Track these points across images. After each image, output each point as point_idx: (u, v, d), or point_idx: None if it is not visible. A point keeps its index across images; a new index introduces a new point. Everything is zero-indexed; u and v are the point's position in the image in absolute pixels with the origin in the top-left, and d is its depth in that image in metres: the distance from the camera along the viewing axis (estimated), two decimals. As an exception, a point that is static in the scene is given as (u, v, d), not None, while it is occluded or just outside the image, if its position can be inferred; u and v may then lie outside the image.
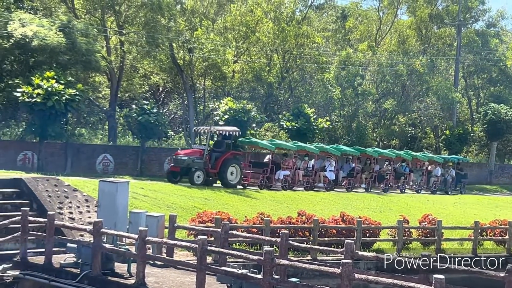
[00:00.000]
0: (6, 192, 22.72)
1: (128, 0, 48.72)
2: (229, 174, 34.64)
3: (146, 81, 58.51)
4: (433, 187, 46.84)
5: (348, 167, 42.46)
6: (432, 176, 47.42)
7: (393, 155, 45.18)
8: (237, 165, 35.18)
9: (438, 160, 48.55)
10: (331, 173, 40.48)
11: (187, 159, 33.80)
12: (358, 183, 42.53)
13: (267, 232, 22.70)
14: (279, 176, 38.01)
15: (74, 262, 18.06)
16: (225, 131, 35.65)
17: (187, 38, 51.76)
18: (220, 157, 34.65)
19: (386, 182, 43.54)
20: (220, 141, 36.02)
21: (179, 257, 20.06)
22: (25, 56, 42.27)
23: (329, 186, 40.00)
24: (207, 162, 34.25)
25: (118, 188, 19.35)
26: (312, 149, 40.21)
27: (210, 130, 35.58)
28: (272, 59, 59.11)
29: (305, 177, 39.23)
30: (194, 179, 33.27)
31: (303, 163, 39.75)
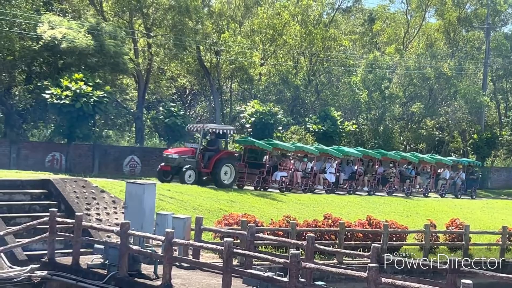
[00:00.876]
0: (34, 193, 22.92)
1: (156, 3, 48.95)
2: (222, 173, 33.23)
3: (173, 83, 58.77)
4: (441, 190, 45.08)
5: (349, 169, 41.10)
6: (441, 179, 45.70)
7: (398, 157, 43.46)
8: (232, 165, 33.71)
9: (446, 162, 46.77)
10: (331, 175, 39.00)
11: (178, 158, 32.49)
12: (361, 185, 40.74)
13: (293, 235, 22.67)
14: (276, 177, 36.44)
15: (101, 263, 18.18)
16: (219, 129, 34.50)
17: (214, 40, 51.91)
18: (213, 156, 33.23)
19: (390, 185, 41.79)
20: (214, 139, 34.34)
21: (205, 259, 20.10)
22: (54, 58, 42.66)
23: (329, 188, 38.37)
24: (199, 161, 32.83)
25: (145, 189, 19.44)
26: (311, 150, 38.88)
27: (203, 128, 33.97)
28: (299, 62, 59.07)
29: (304, 179, 37.70)
30: (185, 179, 31.71)
31: (302, 164, 38.42)
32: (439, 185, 45.17)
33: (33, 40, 41.58)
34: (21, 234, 19.89)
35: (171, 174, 32.68)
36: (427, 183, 44.18)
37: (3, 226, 19.76)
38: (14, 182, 23.19)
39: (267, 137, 42.19)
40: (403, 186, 42.46)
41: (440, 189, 44.98)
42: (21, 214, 21.50)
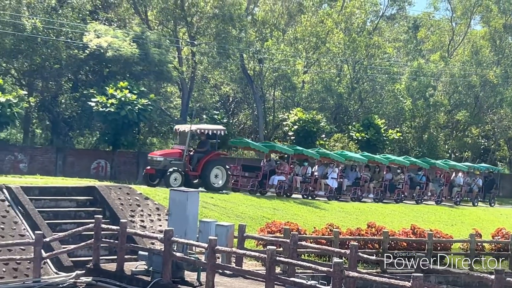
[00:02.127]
0: (80, 200, 23.22)
1: (200, 12, 49.32)
2: (212, 176, 31.35)
3: (216, 91, 59.03)
4: (456, 197, 42.10)
5: (354, 175, 38.76)
6: (455, 185, 42.71)
7: (407, 163, 40.48)
8: (222, 167, 31.86)
9: (461, 168, 43.65)
10: (333, 181, 36.57)
11: (163, 160, 30.68)
12: (366, 192, 38.33)
13: (336, 243, 22.58)
14: (273, 181, 34.47)
15: (145, 270, 18.32)
16: (208, 130, 32.33)
17: (258, 48, 52.08)
18: (202, 158, 31.44)
19: (399, 192, 39.19)
20: (204, 141, 32.50)
21: (248, 267, 20.13)
22: (100, 67, 43.24)
23: (331, 194, 36.13)
24: (186, 164, 31.01)
25: (189, 197, 19.56)
26: (311, 154, 36.93)
27: (190, 128, 31.71)
28: (342, 70, 58.87)
29: (303, 184, 35.76)
30: (170, 182, 29.53)
31: (302, 169, 36.42)
32: (454, 192, 42.32)
33: (80, 48, 42.21)
34: (67, 240, 20.16)
35: (158, 177, 30.85)
36: (439, 190, 41.42)
37: (49, 232, 20.05)
38: (60, 189, 23.52)
39: (310, 145, 42.14)
40: (413, 193, 40.25)
41: (454, 197, 42.12)
42: (67, 220, 21.79)
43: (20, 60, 44.10)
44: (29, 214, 20.69)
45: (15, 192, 21.34)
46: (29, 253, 18.70)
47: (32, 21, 41.16)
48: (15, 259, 18.51)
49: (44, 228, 20.10)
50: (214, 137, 32.45)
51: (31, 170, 38.22)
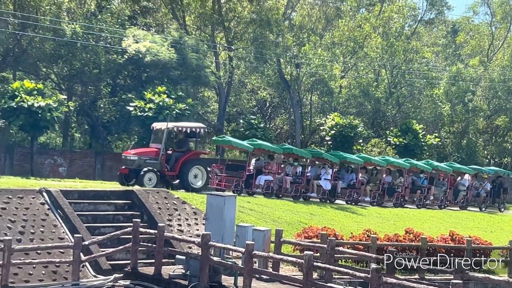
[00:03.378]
0: (118, 204, 23.39)
1: (238, 17, 49.52)
2: (191, 176, 29.65)
3: (253, 96, 59.16)
4: (461, 202, 39.99)
5: (349, 177, 36.82)
6: (460, 190, 40.55)
7: (407, 165, 38.33)
8: (202, 167, 30.22)
9: (467, 171, 41.50)
10: (326, 182, 34.54)
11: (137, 160, 29.07)
12: (362, 195, 36.56)
13: (373, 249, 22.42)
14: (260, 181, 32.73)
15: (183, 274, 18.38)
16: (186, 128, 30.64)
17: (295, 53, 52.08)
18: (180, 157, 29.88)
19: (398, 196, 37.21)
20: (183, 139, 30.88)
21: (284, 272, 20.09)
22: (138, 71, 43.62)
23: (324, 196, 34.28)
24: (163, 163, 29.38)
25: (226, 201, 19.57)
26: (302, 153, 35.32)
27: (166, 126, 29.95)
28: (380, 75, 58.60)
29: (293, 185, 33.78)
30: (144, 182, 28.03)
31: (293, 168, 34.68)
32: (460, 196, 40.26)
33: (118, 53, 42.65)
34: (105, 244, 20.32)
35: (133, 177, 28.93)
36: (442, 194, 39.37)
37: (88, 235, 20.24)
38: (98, 193, 23.73)
39: (347, 150, 41.97)
40: (414, 198, 38.34)
41: (460, 201, 40.09)
42: (105, 224, 21.96)
43: (60, 65, 44.76)
44: (68, 217, 20.91)
45: (55, 196, 21.58)
46: (68, 256, 18.88)
47: (72, 27, 41.69)
48: (54, 262, 18.70)
49: (83, 231, 20.28)
50: (194, 136, 31.09)
51: (70, 173, 38.71)
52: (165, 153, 29.64)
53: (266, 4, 49.84)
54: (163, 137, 29.67)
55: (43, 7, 41.62)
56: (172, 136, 31.14)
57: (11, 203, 20.52)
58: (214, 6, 49.34)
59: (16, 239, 18.98)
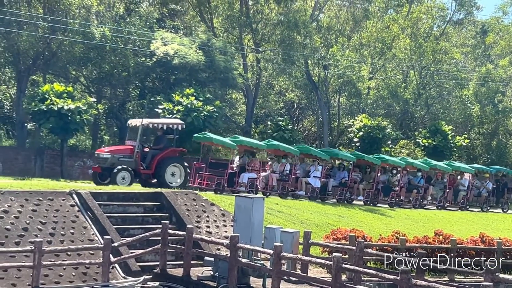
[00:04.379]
0: (147, 205, 23.51)
1: (265, 18, 49.61)
2: (168, 175, 28.60)
3: (281, 98, 59.16)
4: (461, 202, 38.08)
5: (341, 174, 34.96)
6: (460, 190, 38.64)
7: (402, 163, 36.57)
8: (180, 165, 29.09)
9: (467, 170, 39.46)
10: (315, 180, 32.65)
11: (110, 158, 28.06)
12: (355, 194, 34.78)
13: (402, 251, 22.32)
14: (243, 179, 30.88)
15: (211, 276, 18.44)
16: (163, 124, 29.54)
17: (323, 55, 52.03)
18: (157, 155, 28.77)
19: (393, 195, 35.33)
20: (161, 136, 29.72)
21: (313, 274, 20.07)
22: (166, 74, 43.87)
23: (313, 195, 32.26)
24: (138, 161, 28.26)
25: (254, 203, 19.61)
26: (290, 149, 33.42)
27: (141, 123, 28.72)
28: (409, 76, 58.31)
29: (280, 182, 32.08)
30: (117, 181, 27.24)
31: (280, 165, 32.86)
32: (460, 196, 38.34)
33: (147, 56, 42.93)
34: (134, 245, 20.43)
35: (107, 176, 27.91)
36: (441, 194, 37.59)
37: (117, 237, 20.37)
38: (128, 195, 23.86)
39: (375, 152, 41.77)
40: (410, 197, 36.53)
41: (460, 201, 38.17)
42: (134, 225, 22.08)
43: (89, 68, 45.17)
44: (98, 219, 21.06)
45: (85, 198, 21.75)
46: (98, 257, 19.02)
47: (101, 30, 42.02)
48: (84, 264, 18.85)
49: (112, 233, 20.42)
50: (171, 132, 29.83)
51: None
52: (140, 151, 28.56)
53: (293, 6, 49.86)
54: (138, 134, 28.62)
55: (72, 10, 42.02)
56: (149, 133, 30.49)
57: (41, 205, 20.73)
58: (242, 8, 49.46)
59: (46, 240, 19.15)
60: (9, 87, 49.31)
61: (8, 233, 18.99)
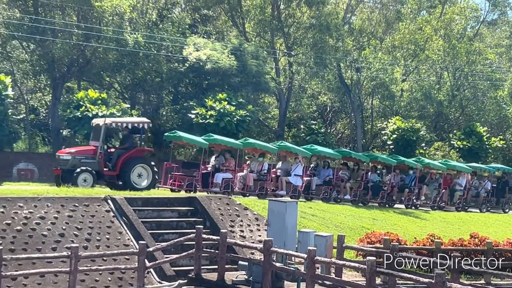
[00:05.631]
0: (181, 210, 23.65)
1: (297, 22, 49.64)
2: (135, 176, 27.30)
3: (314, 101, 59.09)
4: (458, 202, 36.40)
5: (325, 173, 33.55)
6: (456, 189, 36.89)
7: (393, 162, 34.97)
8: (147, 165, 27.75)
9: (463, 169, 37.54)
10: (296, 178, 31.11)
11: (71, 159, 26.76)
12: (342, 193, 33.32)
13: (437, 254, 22.17)
14: (217, 179, 29.38)
15: (246, 280, 18.50)
16: (127, 123, 28.16)
17: (355, 57, 51.90)
18: (121, 155, 27.43)
19: (383, 194, 33.86)
20: (127, 136, 28.41)
21: (347, 278, 20.03)
22: (199, 79, 44.09)
23: (294, 194, 30.58)
24: (101, 162, 27.04)
25: (287, 207, 19.63)
26: (267, 147, 31.84)
27: (104, 122, 27.32)
28: (442, 77, 57.87)
29: (258, 182, 30.42)
30: (79, 183, 25.84)
31: (258, 164, 31.11)
32: (456, 197, 36.63)
33: (179, 62, 43.20)
34: (169, 250, 20.57)
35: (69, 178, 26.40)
36: (435, 194, 36.16)
37: (152, 242, 20.53)
38: (162, 200, 24.04)
39: (409, 154, 41.52)
40: (401, 197, 34.82)
41: (457, 202, 36.48)
42: (169, 230, 22.22)
43: (123, 74, 45.58)
44: (132, 224, 21.24)
45: (119, 203, 21.95)
46: (133, 262, 19.17)
47: (134, 36, 42.37)
48: (120, 269, 19.01)
49: (147, 238, 20.58)
50: (137, 132, 28.64)
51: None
52: (104, 151, 27.45)
53: (325, 9, 49.79)
54: (101, 133, 27.30)
55: (106, 17, 42.43)
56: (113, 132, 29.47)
57: (77, 211, 20.97)
58: (274, 12, 49.53)
59: (82, 246, 19.37)
60: (44, 95, 49.95)
61: (45, 239, 19.24)
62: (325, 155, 34.02)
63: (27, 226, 19.35)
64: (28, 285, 17.55)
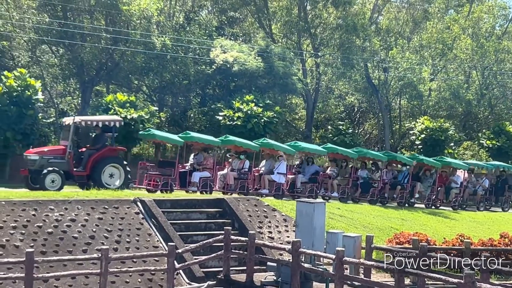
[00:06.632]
0: (210, 212, 23.78)
1: (324, 23, 49.63)
2: (106, 176, 26.34)
3: (341, 102, 59.00)
4: (453, 201, 35.19)
5: (310, 170, 32.36)
6: (452, 186, 35.60)
7: (384, 157, 33.75)
8: (119, 165, 26.82)
9: (458, 166, 36.25)
10: (279, 176, 29.98)
11: (38, 159, 25.64)
12: (330, 191, 32.08)
13: (467, 254, 22.03)
14: (194, 178, 28.53)
15: (274, 281, 18.55)
16: (97, 122, 27.06)
17: (382, 57, 51.73)
18: (92, 155, 26.43)
19: (374, 191, 32.66)
20: (99, 135, 27.31)
21: (376, 278, 20.01)
22: (226, 81, 44.29)
23: (278, 193, 29.30)
24: (70, 162, 25.92)
25: (315, 208, 19.64)
26: (248, 145, 30.66)
27: (73, 121, 26.15)
28: (471, 76, 57.45)
29: (238, 181, 29.46)
30: (46, 185, 24.80)
31: (239, 163, 30.11)
32: (452, 195, 35.29)
33: (207, 64, 43.41)
34: (198, 252, 20.69)
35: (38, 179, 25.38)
36: (428, 192, 34.62)
37: (181, 244, 20.66)
38: (190, 202, 24.17)
39: (438, 154, 41.26)
40: (393, 194, 33.40)
41: (453, 200, 35.19)
42: (197, 232, 22.35)
43: (151, 77, 45.92)
44: (162, 226, 21.39)
45: (149, 205, 22.12)
46: (163, 264, 19.32)
47: (161, 39, 42.69)
48: (149, 270, 19.17)
49: (176, 239, 20.71)
50: (109, 130, 27.42)
51: (163, 183, 39.45)
52: (74, 151, 26.31)
53: (352, 9, 49.74)
54: (70, 132, 26.13)
55: (133, 21, 42.78)
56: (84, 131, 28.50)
57: (107, 213, 21.17)
58: (300, 13, 49.57)
59: (112, 248, 19.55)
60: (74, 98, 50.45)
61: (75, 241, 19.47)
62: (310, 151, 33.11)
63: (58, 229, 19.59)
64: (59, 286, 17.77)
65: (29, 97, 34.28)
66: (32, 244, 18.56)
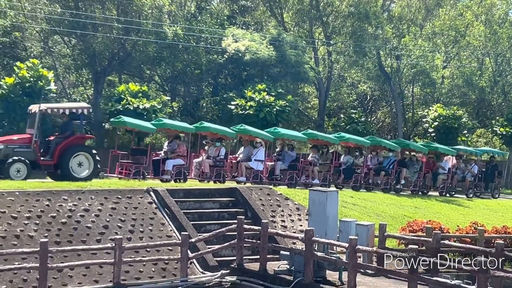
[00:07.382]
0: (222, 201, 23.81)
1: (336, 11, 49.45)
2: (75, 165, 25.05)
3: (353, 90, 58.85)
4: (441, 187, 34.69)
5: (290, 156, 31.61)
6: (439, 172, 35.02)
7: (367, 143, 33.38)
8: (88, 153, 25.51)
9: (448, 152, 35.62)
10: (257, 163, 29.43)
11: (3, 148, 24.41)
12: (311, 178, 31.17)
13: (480, 242, 22.00)
14: (167, 166, 27.95)
15: (287, 269, 18.59)
16: (64, 109, 25.79)
17: (395, 45, 51.50)
18: (60, 143, 25.25)
19: (357, 177, 32.10)
20: (67, 123, 26.06)
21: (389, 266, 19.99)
22: (238, 70, 44.26)
23: (256, 180, 28.75)
24: (36, 151, 24.81)
25: (328, 197, 19.64)
26: (224, 131, 30.11)
27: (39, 108, 24.94)
28: (484, 63, 57.13)
29: (214, 168, 28.88)
30: (11, 175, 23.74)
31: (215, 150, 29.48)
32: (439, 181, 34.74)
33: (218, 53, 43.38)
34: (211, 241, 20.74)
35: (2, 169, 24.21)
36: (415, 178, 34.04)
37: (194, 233, 20.71)
38: (203, 191, 24.21)
39: (451, 142, 41.10)
40: (378, 181, 32.95)
41: (440, 186, 34.68)
42: (210, 221, 22.38)
43: (163, 67, 45.94)
44: (175, 215, 21.45)
45: (162, 195, 22.18)
46: (176, 253, 19.39)
47: (173, 29, 42.67)
48: (163, 259, 19.24)
49: (189, 229, 20.77)
50: (77, 118, 26.32)
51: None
52: (41, 140, 25.36)
53: (364, -3, 49.56)
54: (36, 121, 24.95)
55: (145, 11, 42.79)
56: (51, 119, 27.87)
57: (120, 203, 21.25)
58: (312, 1, 49.41)
59: (126, 237, 19.63)
60: (86, 88, 50.56)
61: (89, 231, 19.55)
62: (290, 138, 32.58)
63: (71, 219, 19.67)
64: (73, 276, 17.87)
65: (42, 87, 34.38)
66: (46, 234, 18.64)
